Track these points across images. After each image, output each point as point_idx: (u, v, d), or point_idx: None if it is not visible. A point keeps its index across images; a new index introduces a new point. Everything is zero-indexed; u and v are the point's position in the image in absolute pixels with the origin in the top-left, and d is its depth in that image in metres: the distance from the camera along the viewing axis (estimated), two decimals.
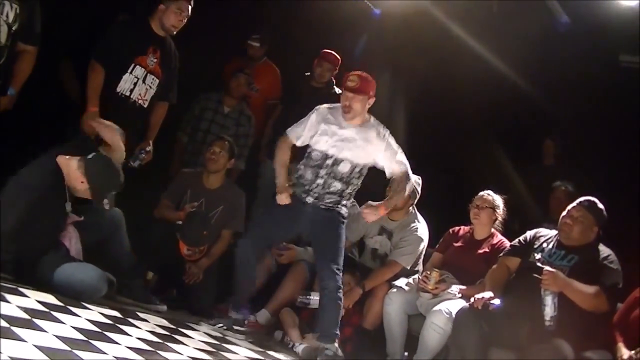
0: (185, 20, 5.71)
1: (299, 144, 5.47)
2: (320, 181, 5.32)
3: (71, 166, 4.76)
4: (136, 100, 5.71)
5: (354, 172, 5.32)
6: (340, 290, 5.18)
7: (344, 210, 5.38)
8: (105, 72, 5.57)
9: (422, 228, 6.04)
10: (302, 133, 5.43)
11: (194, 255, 5.87)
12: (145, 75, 5.70)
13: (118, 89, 5.62)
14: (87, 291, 4.59)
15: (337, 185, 5.31)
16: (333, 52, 7.22)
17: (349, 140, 5.29)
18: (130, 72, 5.64)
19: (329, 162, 5.30)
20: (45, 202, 4.63)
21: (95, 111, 5.45)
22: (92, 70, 5.55)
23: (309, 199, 5.34)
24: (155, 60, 5.73)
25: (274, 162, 5.60)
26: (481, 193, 5.92)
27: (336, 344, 5.15)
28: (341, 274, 5.21)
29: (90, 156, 4.84)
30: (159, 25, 5.72)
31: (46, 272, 4.56)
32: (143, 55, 5.68)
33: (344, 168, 5.29)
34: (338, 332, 5.18)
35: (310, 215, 5.34)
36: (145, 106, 5.79)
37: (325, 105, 5.49)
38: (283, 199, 5.35)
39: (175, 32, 5.76)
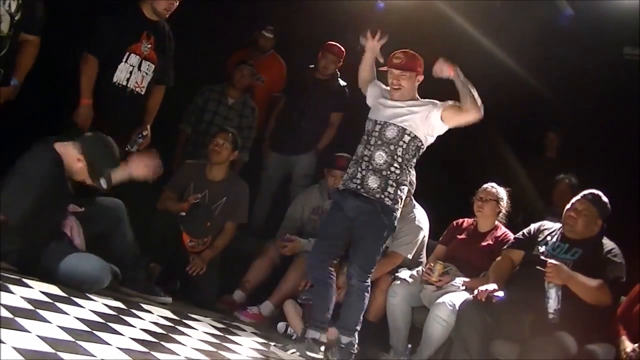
0: (177, 3, 5.66)
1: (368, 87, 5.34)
2: (367, 153, 5.02)
3: (68, 148, 4.76)
4: (133, 88, 5.67)
5: (402, 142, 4.97)
6: (368, 289, 5.04)
7: (388, 202, 4.98)
8: (100, 63, 5.55)
9: (420, 217, 6.02)
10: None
11: (197, 247, 5.87)
12: (140, 63, 5.66)
13: (114, 79, 5.59)
14: (90, 281, 4.59)
15: (382, 156, 4.96)
16: (337, 44, 7.22)
17: (398, 110, 5.06)
18: (125, 61, 5.60)
19: (378, 128, 5.04)
20: (47, 192, 4.60)
21: (89, 103, 5.43)
22: (85, 62, 5.52)
23: (352, 185, 5.01)
24: (149, 46, 5.68)
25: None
26: (485, 185, 5.91)
27: (355, 337, 5.07)
28: (370, 274, 5.06)
29: (86, 134, 4.91)
30: (150, 10, 5.67)
31: (49, 262, 4.56)
32: (137, 43, 5.63)
33: (391, 133, 4.98)
34: (359, 327, 5.08)
35: (354, 207, 5.01)
36: (143, 93, 5.76)
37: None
38: None
39: (167, 15, 5.70)
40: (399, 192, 5.00)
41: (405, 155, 5.01)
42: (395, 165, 4.99)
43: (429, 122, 5.02)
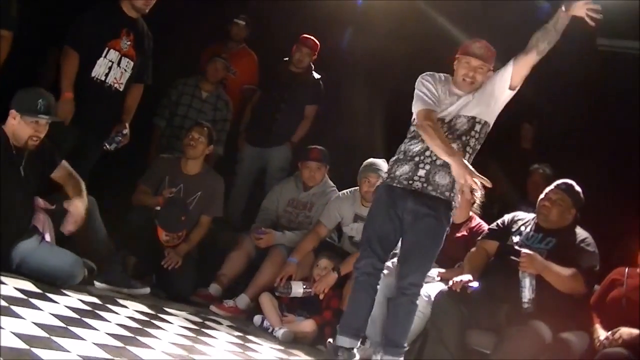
0: None
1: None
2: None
3: (7, 120, 4.73)
4: (112, 84, 5.67)
5: (473, 131, 4.63)
6: (417, 296, 4.69)
7: (455, 199, 4.66)
8: (80, 58, 5.54)
9: None
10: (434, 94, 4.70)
11: (172, 242, 5.85)
12: (120, 59, 5.67)
13: (93, 74, 5.59)
14: (63, 276, 4.57)
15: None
16: (312, 38, 7.23)
17: (465, 100, 4.67)
18: (105, 57, 5.60)
19: (445, 121, 4.63)
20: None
21: (70, 97, 5.43)
22: (66, 56, 5.53)
23: (416, 184, 4.59)
24: (129, 43, 5.69)
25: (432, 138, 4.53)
26: None
27: (402, 356, 4.71)
28: (424, 281, 4.74)
29: None
30: (129, 7, 5.66)
31: (19, 256, 4.55)
32: (116, 39, 5.64)
33: (461, 125, 4.63)
34: (406, 345, 4.76)
35: (413, 210, 4.60)
36: (121, 90, 5.76)
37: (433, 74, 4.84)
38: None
39: (147, 11, 5.69)
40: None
41: (476, 145, 4.70)
42: (466, 158, 4.55)
43: (497, 93, 4.67)
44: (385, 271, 5.55)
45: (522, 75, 4.67)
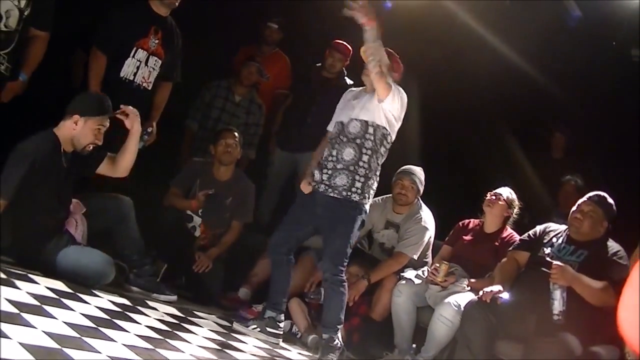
0: None
1: (330, 128, 5.35)
2: (334, 152, 5.09)
3: (63, 124, 4.76)
4: (140, 83, 5.73)
5: (367, 134, 5.02)
6: (343, 284, 5.02)
7: (356, 197, 5.00)
8: (108, 58, 5.60)
9: (427, 217, 6.04)
10: (334, 119, 5.33)
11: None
12: (148, 58, 5.72)
13: (122, 74, 5.64)
14: (93, 276, 4.62)
15: (349, 153, 5.02)
16: (344, 43, 7.20)
17: (360, 103, 5.15)
18: (133, 56, 5.65)
19: (341, 127, 5.14)
20: (40, 170, 4.57)
21: None
22: (93, 57, 5.60)
23: (321, 187, 5.06)
24: (157, 41, 5.73)
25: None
26: (501, 189, 5.88)
27: (336, 333, 5.03)
28: (343, 268, 5.03)
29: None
30: (158, 4, 5.70)
31: (50, 257, 4.59)
32: (145, 38, 5.68)
33: (354, 128, 5.06)
34: (339, 324, 5.06)
35: (321, 205, 5.07)
36: (150, 88, 5.81)
37: (352, 89, 5.47)
38: (304, 185, 5.23)
39: (176, 4, 5.72)
40: (366, 187, 5.03)
41: (375, 147, 5.04)
42: (364, 159, 5.02)
43: (380, 105, 5.06)
44: (415, 279, 5.57)
45: (379, 89, 5.03)
